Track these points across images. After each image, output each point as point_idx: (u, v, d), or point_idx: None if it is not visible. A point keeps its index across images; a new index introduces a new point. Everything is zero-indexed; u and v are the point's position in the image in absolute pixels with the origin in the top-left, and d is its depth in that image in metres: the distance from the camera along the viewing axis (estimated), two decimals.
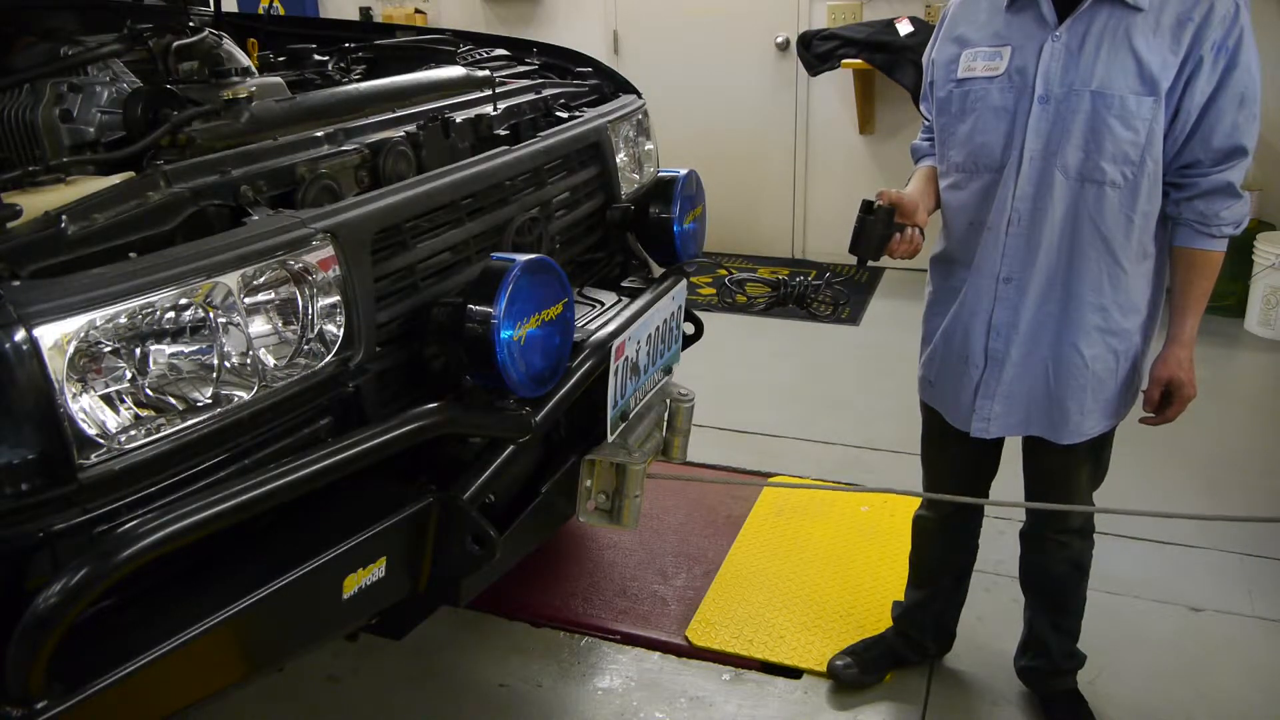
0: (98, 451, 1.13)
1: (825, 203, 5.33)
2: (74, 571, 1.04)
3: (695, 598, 2.62)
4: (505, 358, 1.48)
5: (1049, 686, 2.23)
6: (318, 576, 1.32)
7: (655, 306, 1.96)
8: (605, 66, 2.53)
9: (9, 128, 1.69)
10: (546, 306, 1.57)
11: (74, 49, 1.82)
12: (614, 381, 1.79)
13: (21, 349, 1.06)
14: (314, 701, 2.31)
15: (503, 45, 2.62)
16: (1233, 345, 4.30)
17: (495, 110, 1.97)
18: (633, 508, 1.84)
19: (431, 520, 1.48)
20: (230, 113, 1.61)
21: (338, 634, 1.53)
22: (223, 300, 1.26)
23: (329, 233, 1.38)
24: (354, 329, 1.41)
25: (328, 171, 1.55)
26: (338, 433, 1.40)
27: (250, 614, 1.23)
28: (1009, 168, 1.80)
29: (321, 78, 2.25)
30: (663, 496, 3.03)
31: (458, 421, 1.50)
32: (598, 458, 1.83)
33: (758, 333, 4.54)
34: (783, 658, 2.40)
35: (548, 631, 2.54)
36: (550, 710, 2.30)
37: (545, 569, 2.73)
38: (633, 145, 2.32)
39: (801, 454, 3.38)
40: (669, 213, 2.14)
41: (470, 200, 1.71)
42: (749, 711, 2.27)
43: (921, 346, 2.08)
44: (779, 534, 2.89)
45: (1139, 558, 2.77)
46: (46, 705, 1.05)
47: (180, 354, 1.23)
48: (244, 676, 1.31)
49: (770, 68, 5.28)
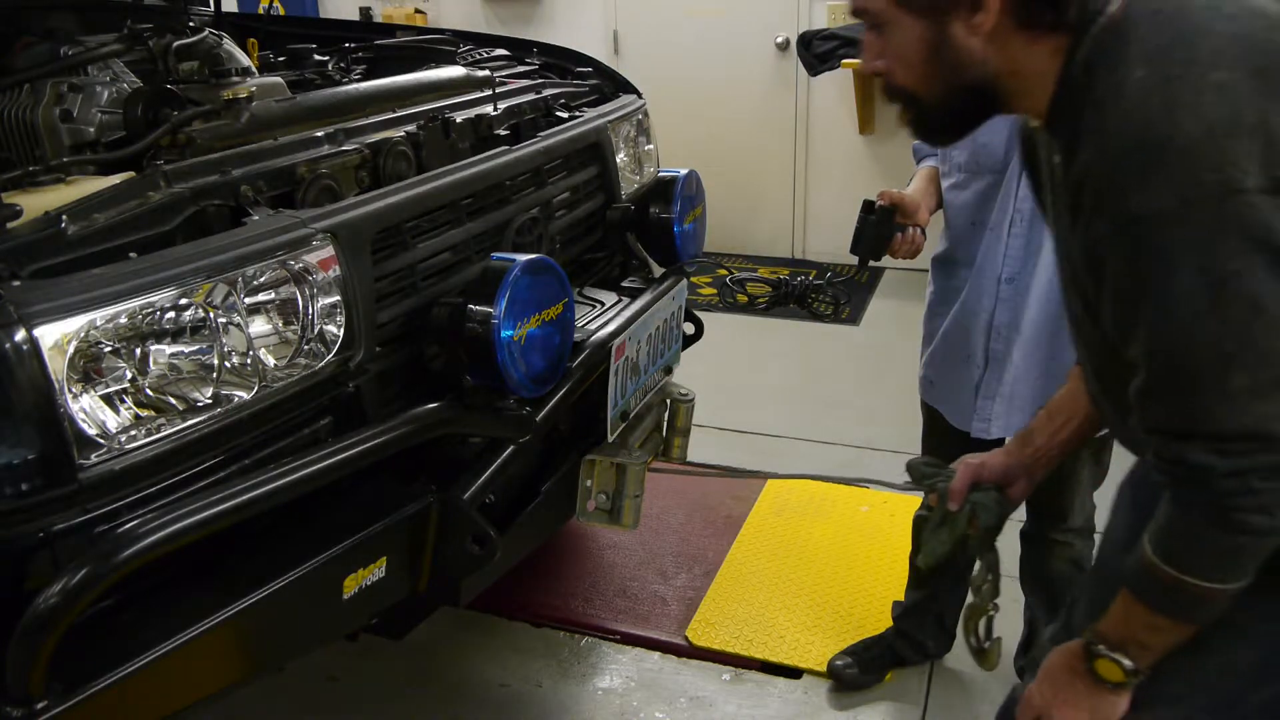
0: (98, 451, 1.13)
1: (825, 203, 5.33)
2: (74, 571, 1.05)
3: (695, 598, 2.62)
4: (505, 358, 1.48)
5: None
6: (318, 576, 1.32)
7: (655, 306, 1.96)
8: (605, 66, 2.53)
9: (9, 128, 1.69)
10: (546, 306, 1.57)
11: (74, 49, 1.82)
12: (614, 381, 1.79)
13: (22, 349, 1.06)
14: (314, 701, 2.31)
15: (503, 45, 2.62)
16: None
17: (495, 110, 1.97)
18: (633, 508, 1.84)
19: (431, 520, 1.48)
20: (230, 113, 1.61)
21: (338, 634, 1.53)
22: (223, 300, 1.26)
23: (329, 233, 1.38)
24: (354, 329, 1.41)
25: (328, 171, 1.55)
26: (338, 433, 1.39)
27: (250, 614, 1.23)
28: (1011, 169, 1.80)
29: (321, 78, 2.25)
30: (663, 496, 3.02)
31: (458, 421, 1.50)
32: (598, 458, 1.82)
33: (758, 333, 4.54)
34: (783, 658, 2.40)
35: (548, 631, 2.54)
36: (550, 710, 2.30)
37: (545, 569, 2.73)
38: (633, 145, 2.32)
39: (801, 454, 3.38)
40: (669, 213, 2.14)
41: (470, 200, 1.71)
42: (749, 711, 2.27)
43: (922, 346, 2.07)
44: (779, 534, 2.89)
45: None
46: (46, 705, 1.05)
47: (180, 354, 1.23)
48: (244, 676, 1.31)
49: (770, 68, 5.28)
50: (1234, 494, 0.97)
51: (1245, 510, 0.98)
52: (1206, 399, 0.96)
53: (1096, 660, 1.14)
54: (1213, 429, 0.97)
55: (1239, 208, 0.91)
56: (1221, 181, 0.91)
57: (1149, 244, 0.95)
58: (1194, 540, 1.03)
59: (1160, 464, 1.05)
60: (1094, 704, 1.17)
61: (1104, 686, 1.15)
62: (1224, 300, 0.93)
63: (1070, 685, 1.18)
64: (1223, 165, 0.91)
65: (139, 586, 1.17)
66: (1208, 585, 1.04)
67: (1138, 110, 0.95)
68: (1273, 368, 0.94)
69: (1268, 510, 0.97)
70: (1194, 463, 0.99)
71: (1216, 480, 0.97)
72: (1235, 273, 0.92)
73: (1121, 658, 1.12)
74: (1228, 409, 0.96)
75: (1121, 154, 0.96)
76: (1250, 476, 0.96)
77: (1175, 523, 1.05)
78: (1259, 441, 0.95)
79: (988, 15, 1.03)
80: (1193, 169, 0.92)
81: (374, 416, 1.44)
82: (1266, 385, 0.94)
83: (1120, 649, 1.12)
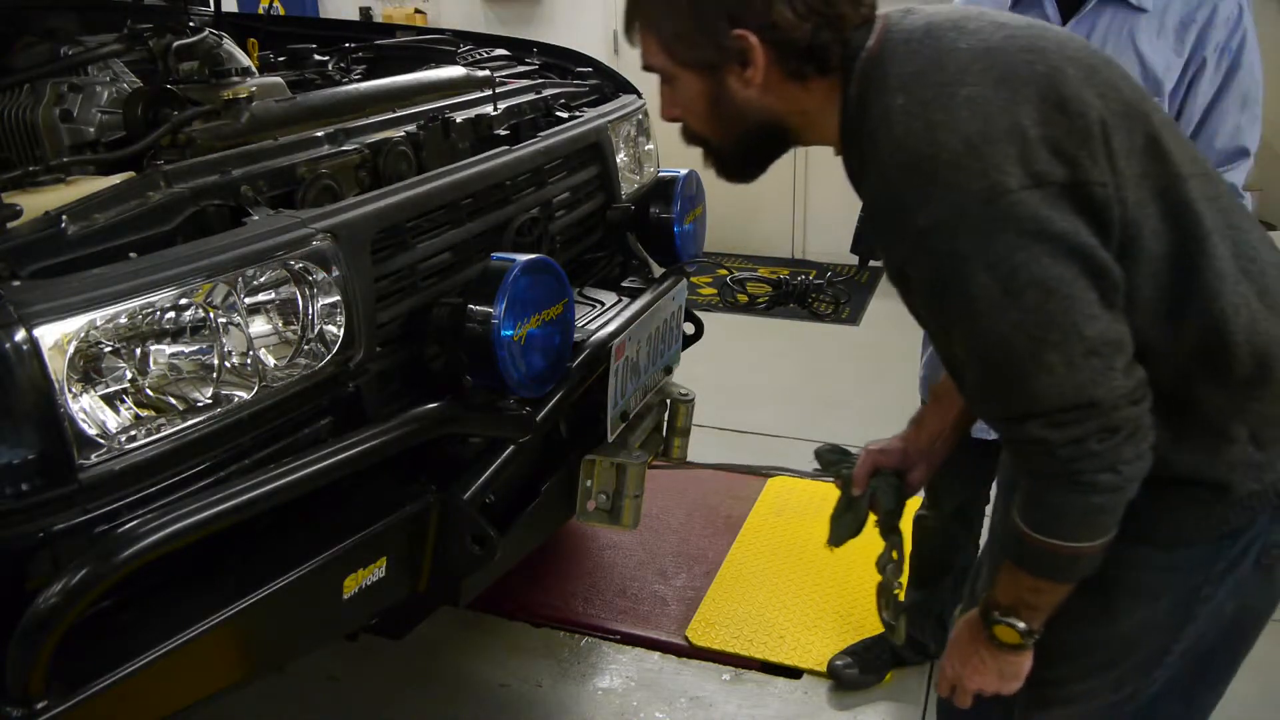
0: (98, 451, 1.13)
1: (825, 203, 5.32)
2: (74, 572, 1.05)
3: (695, 598, 2.62)
4: (505, 357, 1.48)
5: None
6: (318, 576, 1.32)
7: (655, 306, 1.96)
8: (605, 66, 2.53)
9: (9, 128, 1.69)
10: (546, 306, 1.57)
11: (74, 49, 1.82)
12: (614, 381, 1.79)
13: (22, 349, 1.06)
14: (314, 701, 2.31)
15: (503, 45, 2.62)
16: None
17: (495, 110, 1.97)
18: (632, 508, 1.83)
19: (431, 520, 1.48)
20: (230, 113, 1.61)
21: (338, 634, 1.53)
22: (223, 300, 1.26)
23: (329, 232, 1.38)
24: (354, 329, 1.41)
25: (328, 171, 1.55)
26: (338, 433, 1.39)
27: (250, 614, 1.23)
28: None
29: (321, 78, 2.25)
30: (663, 496, 3.02)
31: (458, 421, 1.50)
32: (597, 457, 1.82)
33: (758, 333, 4.54)
34: (783, 658, 2.40)
35: (548, 631, 2.54)
36: (550, 710, 2.30)
37: (545, 569, 2.73)
38: (633, 145, 2.32)
39: (802, 454, 3.38)
40: (669, 213, 2.14)
41: (470, 200, 1.71)
42: (749, 711, 2.27)
43: (922, 346, 2.07)
44: (779, 534, 2.89)
45: None
46: (46, 705, 1.05)
47: (180, 354, 1.23)
48: (244, 677, 1.31)
49: None
50: (1076, 460, 1.04)
51: (1091, 472, 1.05)
52: (1028, 383, 1.03)
53: (994, 626, 1.21)
54: (1041, 408, 1.04)
55: (1008, 207, 0.99)
56: (988, 187, 0.99)
57: (941, 253, 1.03)
58: (1054, 508, 1.10)
59: (1008, 446, 1.15)
60: (999, 666, 1.24)
61: (1005, 649, 1.22)
62: (1016, 290, 1.00)
63: (975, 652, 1.25)
64: (986, 172, 0.99)
65: (139, 586, 1.17)
66: (1075, 546, 1.11)
67: (905, 136, 1.04)
68: (1078, 341, 1.01)
69: (1112, 467, 1.05)
70: (1033, 438, 1.06)
71: (1057, 451, 1.04)
72: (1021, 264, 0.99)
73: (1015, 621, 1.19)
74: (1048, 387, 1.02)
75: (899, 178, 1.05)
76: (1087, 442, 1.03)
77: (1035, 494, 1.12)
78: (1084, 409, 1.03)
79: (756, 70, 1.12)
80: (960, 180, 1.00)
81: (374, 417, 1.44)
82: (1077, 357, 1.01)
83: (1012, 613, 1.19)
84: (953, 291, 1.04)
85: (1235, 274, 1.09)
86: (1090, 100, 1.04)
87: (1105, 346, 1.02)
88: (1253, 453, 1.13)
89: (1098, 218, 1.02)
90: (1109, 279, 1.02)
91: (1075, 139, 1.02)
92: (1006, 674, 1.24)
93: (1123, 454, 1.04)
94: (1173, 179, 1.07)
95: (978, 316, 1.03)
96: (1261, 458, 1.14)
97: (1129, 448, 1.04)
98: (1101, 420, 1.03)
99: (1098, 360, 1.02)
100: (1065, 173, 1.01)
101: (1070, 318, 1.00)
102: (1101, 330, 1.02)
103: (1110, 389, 1.02)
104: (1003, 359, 1.04)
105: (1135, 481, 1.07)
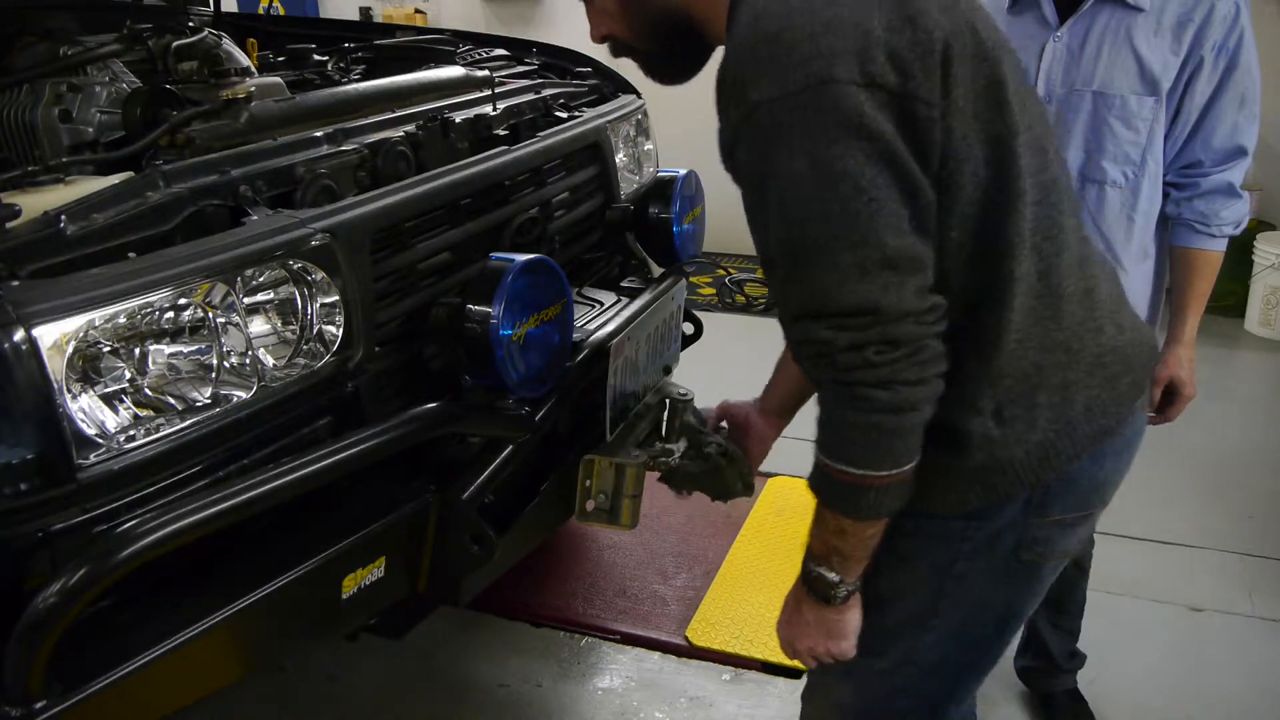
0: (97, 451, 1.13)
1: None
2: (73, 571, 1.05)
3: (695, 598, 2.62)
4: (504, 357, 1.48)
5: (1049, 686, 2.23)
6: (317, 576, 1.32)
7: (654, 306, 1.96)
8: (605, 66, 2.53)
9: (9, 128, 1.69)
10: (545, 306, 1.57)
11: (74, 49, 1.82)
12: (613, 381, 1.79)
13: (21, 349, 1.06)
14: (314, 701, 2.31)
15: (503, 45, 2.62)
16: (1233, 345, 4.30)
17: (495, 110, 1.97)
18: (632, 508, 1.83)
19: (431, 520, 1.48)
20: (230, 113, 1.61)
21: (337, 634, 1.53)
22: (221, 300, 1.26)
23: (328, 233, 1.38)
24: (353, 329, 1.41)
25: (327, 171, 1.55)
26: (337, 433, 1.39)
27: (249, 614, 1.23)
28: None
29: (321, 78, 2.25)
30: (663, 496, 3.00)
31: (457, 421, 1.50)
32: (596, 457, 1.82)
33: (758, 333, 4.53)
34: (783, 658, 2.39)
35: (548, 631, 2.54)
36: (550, 710, 2.30)
37: (545, 569, 2.73)
38: (632, 145, 2.32)
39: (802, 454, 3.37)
40: (668, 213, 2.14)
41: (470, 200, 1.71)
42: (749, 711, 2.27)
43: None
44: (779, 534, 2.89)
45: (1139, 558, 2.77)
46: (46, 705, 1.05)
47: (179, 354, 1.23)
48: (243, 676, 1.31)
49: None
50: (854, 369, 1.04)
51: (866, 384, 1.04)
52: (823, 278, 1.04)
53: (812, 580, 1.22)
54: (832, 307, 1.04)
55: (835, 97, 1.00)
56: (819, 71, 1.00)
57: (764, 126, 1.04)
58: (839, 428, 1.10)
59: (795, 349, 1.12)
60: (824, 626, 1.25)
61: (826, 605, 1.23)
62: (829, 180, 1.01)
63: (800, 613, 1.27)
64: (822, 57, 1.00)
65: (138, 586, 1.17)
66: (861, 474, 1.09)
67: (762, 15, 1.05)
68: (877, 249, 1.01)
69: (886, 384, 1.04)
70: (818, 338, 1.06)
71: (837, 355, 1.05)
72: (836, 156, 1.00)
73: (826, 571, 1.20)
74: (839, 285, 1.03)
75: (746, 53, 1.06)
76: (866, 350, 1.03)
77: (823, 413, 1.12)
78: (869, 315, 1.03)
79: None
80: (795, 60, 1.01)
81: (373, 416, 1.44)
82: (871, 264, 1.02)
83: (824, 562, 1.20)
84: (770, 171, 1.05)
85: (1030, 247, 1.11)
86: (941, 22, 1.05)
87: (904, 262, 1.02)
88: (991, 427, 1.15)
89: (918, 138, 1.03)
90: (920, 200, 1.04)
91: (915, 52, 1.03)
92: (833, 632, 1.25)
93: (900, 372, 1.04)
94: (1006, 131, 1.08)
95: (786, 201, 1.04)
96: (998, 434, 1.15)
97: (908, 367, 1.04)
98: (881, 330, 1.03)
99: (891, 274, 1.02)
100: (896, 81, 1.02)
101: (874, 224, 1.01)
102: (904, 246, 1.02)
103: (897, 301, 1.02)
104: (804, 248, 1.04)
105: (915, 409, 1.06)
